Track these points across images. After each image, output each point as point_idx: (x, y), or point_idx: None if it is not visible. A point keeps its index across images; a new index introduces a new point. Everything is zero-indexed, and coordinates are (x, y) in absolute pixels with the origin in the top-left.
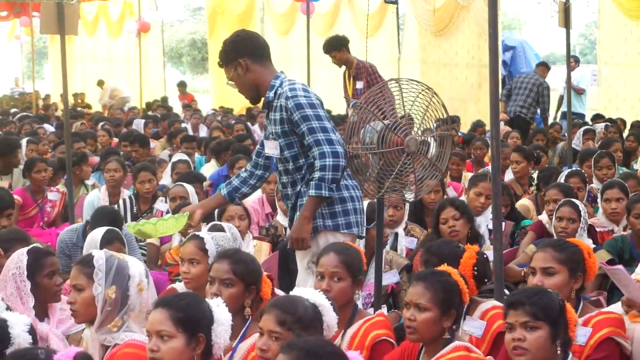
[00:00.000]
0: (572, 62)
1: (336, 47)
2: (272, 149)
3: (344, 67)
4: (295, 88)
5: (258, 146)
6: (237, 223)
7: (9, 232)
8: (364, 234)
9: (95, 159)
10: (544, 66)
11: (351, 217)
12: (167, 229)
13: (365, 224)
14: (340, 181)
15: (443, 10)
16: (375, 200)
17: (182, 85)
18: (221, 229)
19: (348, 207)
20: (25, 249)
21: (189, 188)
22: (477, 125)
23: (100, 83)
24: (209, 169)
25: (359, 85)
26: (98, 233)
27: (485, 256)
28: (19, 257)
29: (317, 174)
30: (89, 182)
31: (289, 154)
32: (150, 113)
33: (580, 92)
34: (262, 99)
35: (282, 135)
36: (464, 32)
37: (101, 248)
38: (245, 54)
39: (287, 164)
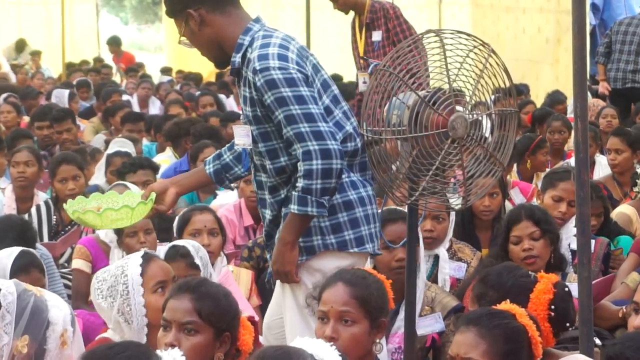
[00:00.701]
0: None
1: None
2: (242, 136)
3: (352, 15)
4: (266, 54)
5: None
6: (207, 240)
7: None
8: (380, 252)
9: None
10: None
11: (363, 229)
12: (118, 220)
13: (379, 237)
14: (334, 191)
15: None
16: (406, 207)
17: (114, 43)
18: (185, 253)
19: (357, 214)
20: None
21: (135, 189)
22: (556, 101)
23: None
24: (163, 161)
25: (376, 36)
26: (7, 256)
27: (567, 289)
28: None
29: (300, 183)
30: (1, 184)
31: (264, 148)
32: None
33: None
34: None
35: (254, 121)
36: None
37: (13, 277)
38: (196, 1)
39: (264, 159)
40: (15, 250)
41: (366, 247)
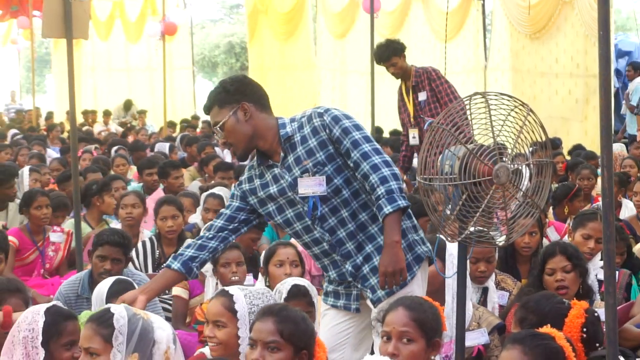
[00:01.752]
0: (630, 70)
1: (396, 51)
2: (312, 186)
3: (399, 82)
4: (320, 106)
5: (223, 219)
6: (289, 270)
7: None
8: None
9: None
10: None
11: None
12: None
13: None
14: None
15: (541, 6)
16: (457, 243)
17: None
18: (306, 293)
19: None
20: (43, 307)
21: None
22: (589, 157)
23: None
24: None
25: (422, 96)
26: (105, 284)
27: (596, 314)
28: (34, 316)
29: (380, 190)
30: (114, 224)
31: (341, 180)
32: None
33: (632, 109)
34: (255, 151)
35: (328, 161)
36: (567, 34)
37: (108, 301)
38: (252, 99)
39: (337, 197)
40: (112, 278)
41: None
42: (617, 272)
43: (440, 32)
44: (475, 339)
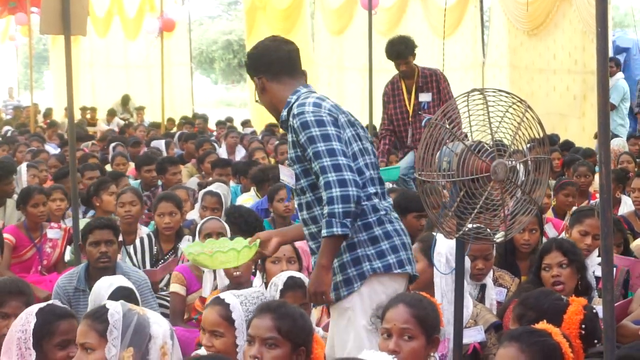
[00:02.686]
0: (612, 66)
1: (413, 50)
2: (287, 176)
3: (395, 79)
4: (304, 103)
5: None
6: (285, 267)
7: (2, 283)
8: (418, 274)
9: None
10: None
11: (402, 254)
12: (226, 262)
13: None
14: (356, 215)
15: (539, 3)
16: (455, 240)
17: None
18: (302, 285)
19: (396, 242)
20: (37, 307)
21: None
22: (587, 154)
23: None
24: (247, 200)
25: (425, 97)
26: (106, 287)
27: (594, 311)
28: (27, 317)
29: (326, 209)
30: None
31: (305, 183)
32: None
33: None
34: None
35: (296, 161)
36: (565, 30)
37: None
38: (261, 71)
39: (305, 195)
40: (115, 283)
41: (407, 269)
42: (614, 269)
43: (438, 29)
44: (472, 336)
